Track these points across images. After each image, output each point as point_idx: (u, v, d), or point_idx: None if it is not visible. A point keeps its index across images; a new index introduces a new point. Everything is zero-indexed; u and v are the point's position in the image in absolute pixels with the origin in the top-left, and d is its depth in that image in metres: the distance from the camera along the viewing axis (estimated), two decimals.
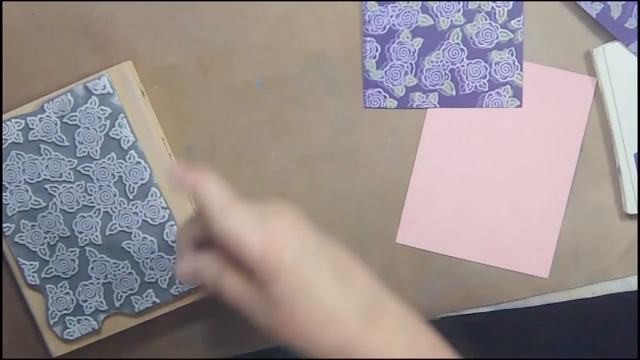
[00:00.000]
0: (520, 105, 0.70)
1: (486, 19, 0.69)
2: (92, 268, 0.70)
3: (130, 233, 0.69)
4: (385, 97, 0.70)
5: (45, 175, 0.69)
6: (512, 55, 0.69)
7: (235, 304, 0.54)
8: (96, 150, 0.69)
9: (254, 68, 0.71)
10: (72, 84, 0.70)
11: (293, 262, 0.52)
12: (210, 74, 0.71)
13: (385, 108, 0.71)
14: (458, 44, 0.69)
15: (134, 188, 0.69)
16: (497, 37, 0.69)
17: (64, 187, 0.69)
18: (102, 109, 0.69)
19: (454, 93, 0.70)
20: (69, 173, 0.69)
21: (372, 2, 0.69)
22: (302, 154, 0.71)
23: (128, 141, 0.69)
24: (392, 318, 0.54)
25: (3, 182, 0.69)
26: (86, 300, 0.70)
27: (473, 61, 0.69)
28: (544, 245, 0.70)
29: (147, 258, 0.70)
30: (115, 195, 0.69)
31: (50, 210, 0.69)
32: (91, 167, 0.69)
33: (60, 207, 0.69)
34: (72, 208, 0.69)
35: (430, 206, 0.71)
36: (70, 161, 0.69)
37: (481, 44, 0.69)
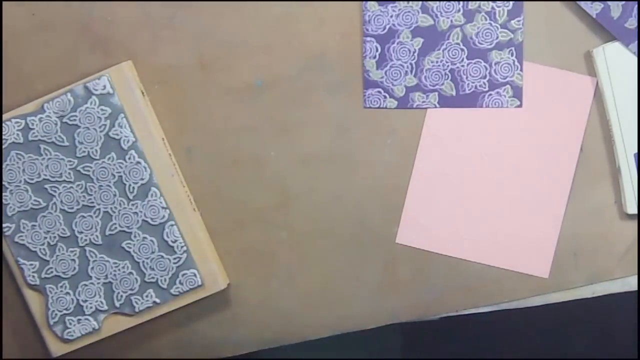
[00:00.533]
0: (520, 105, 0.70)
1: (486, 19, 0.69)
2: (92, 268, 0.70)
3: (130, 233, 0.69)
4: (385, 97, 0.70)
5: (45, 175, 0.69)
6: (512, 55, 0.69)
7: None
8: (96, 150, 0.69)
9: (254, 68, 0.71)
10: (72, 84, 0.70)
11: None
12: (210, 74, 0.71)
13: (385, 108, 0.71)
14: (458, 44, 0.69)
15: (134, 188, 0.69)
16: (497, 37, 0.69)
17: (64, 187, 0.69)
18: (102, 109, 0.69)
19: (454, 93, 0.70)
20: (69, 173, 0.69)
21: (372, 2, 0.69)
22: (302, 154, 0.71)
23: (128, 141, 0.69)
24: None
25: (3, 182, 0.69)
26: (86, 300, 0.70)
27: (473, 61, 0.69)
28: (544, 245, 0.70)
29: (147, 258, 0.70)
30: (115, 195, 0.69)
31: (50, 210, 0.69)
32: (91, 167, 0.69)
33: (60, 207, 0.69)
34: (72, 208, 0.69)
35: (430, 206, 0.71)
36: (70, 161, 0.69)
37: (481, 44, 0.69)
